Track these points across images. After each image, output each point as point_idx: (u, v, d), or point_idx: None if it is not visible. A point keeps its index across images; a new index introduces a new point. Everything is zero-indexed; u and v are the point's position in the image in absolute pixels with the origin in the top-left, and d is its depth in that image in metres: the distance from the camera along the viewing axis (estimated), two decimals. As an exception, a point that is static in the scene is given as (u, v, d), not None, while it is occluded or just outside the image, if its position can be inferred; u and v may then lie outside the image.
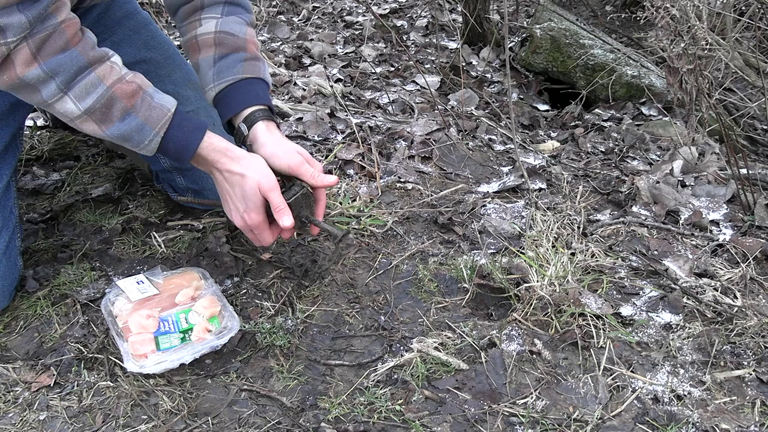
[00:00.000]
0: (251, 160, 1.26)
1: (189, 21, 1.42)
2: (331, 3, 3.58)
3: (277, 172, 1.29)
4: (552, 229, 1.60)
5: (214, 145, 1.26)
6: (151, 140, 1.21)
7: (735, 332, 1.35)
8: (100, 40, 1.50)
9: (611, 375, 1.25)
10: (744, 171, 1.82)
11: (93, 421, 1.16)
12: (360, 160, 1.94)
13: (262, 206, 1.26)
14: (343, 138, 2.09)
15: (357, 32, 3.21)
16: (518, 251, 1.53)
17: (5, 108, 1.37)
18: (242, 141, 1.35)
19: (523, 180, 1.85)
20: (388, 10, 3.57)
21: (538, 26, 2.82)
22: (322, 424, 1.14)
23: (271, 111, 1.38)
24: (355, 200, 1.75)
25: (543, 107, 2.72)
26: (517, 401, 1.19)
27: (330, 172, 1.88)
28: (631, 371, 1.26)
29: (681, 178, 1.92)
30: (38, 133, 2.05)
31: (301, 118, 2.19)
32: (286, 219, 1.25)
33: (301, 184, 1.32)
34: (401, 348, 1.31)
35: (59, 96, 1.14)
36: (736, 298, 1.43)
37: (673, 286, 1.48)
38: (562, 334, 1.34)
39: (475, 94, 2.52)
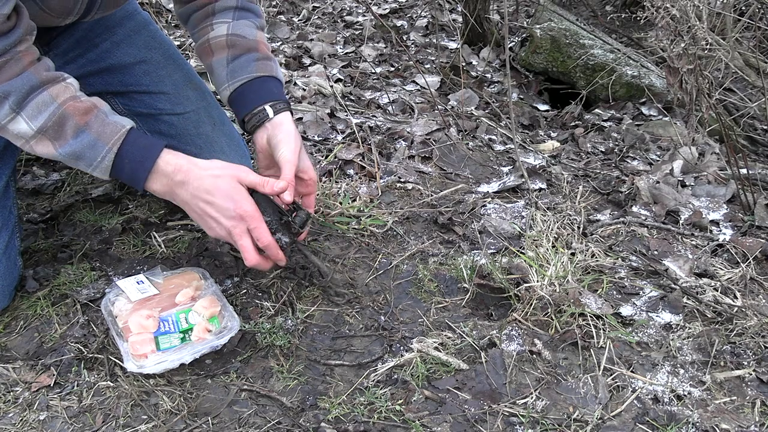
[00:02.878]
0: (216, 162, 1.23)
1: (201, 27, 1.43)
2: (331, 3, 3.58)
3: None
4: (552, 229, 1.60)
5: (176, 158, 1.21)
6: (104, 157, 1.17)
7: (735, 332, 1.35)
8: (101, 40, 1.51)
9: (611, 375, 1.25)
10: (744, 171, 1.82)
11: (93, 421, 1.16)
12: (360, 160, 1.94)
13: (249, 197, 1.22)
14: (343, 138, 2.09)
15: (357, 32, 3.21)
16: (518, 251, 1.53)
17: None
18: (261, 122, 1.35)
19: (523, 180, 1.85)
20: (388, 10, 3.57)
21: (538, 26, 2.82)
22: (322, 424, 1.14)
23: (289, 105, 1.39)
24: (355, 200, 1.75)
25: (543, 107, 2.72)
26: (517, 401, 1.19)
27: (330, 172, 1.88)
28: (631, 371, 1.26)
29: (681, 178, 1.92)
30: (38, 133, 2.05)
31: (301, 118, 2.19)
32: (279, 184, 1.22)
33: (306, 212, 1.31)
34: (401, 348, 1.31)
35: (12, 116, 1.14)
36: (736, 298, 1.43)
37: (673, 286, 1.48)
38: (562, 334, 1.34)
39: (475, 94, 2.52)
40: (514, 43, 3.12)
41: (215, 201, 1.20)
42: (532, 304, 1.38)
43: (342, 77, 2.66)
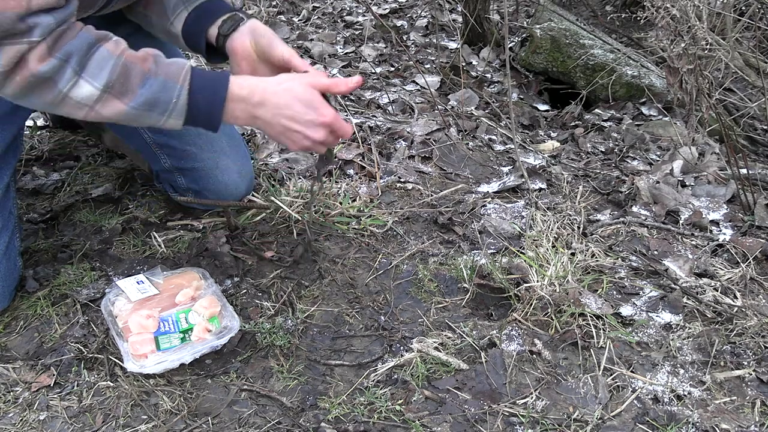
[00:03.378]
0: (283, 75, 1.23)
1: None
2: (331, 3, 3.58)
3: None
4: (552, 229, 1.60)
5: (246, 80, 1.20)
6: (178, 96, 1.15)
7: (735, 332, 1.35)
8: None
9: (611, 375, 1.25)
10: (744, 171, 1.82)
11: (93, 421, 1.16)
12: (360, 160, 1.94)
13: (324, 101, 1.20)
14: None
15: (357, 32, 3.21)
16: (518, 251, 1.53)
17: (7, 109, 1.37)
18: (234, 28, 1.33)
19: (523, 180, 1.85)
20: (388, 10, 3.57)
21: (538, 26, 2.82)
22: (322, 424, 1.14)
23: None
24: (355, 200, 1.75)
25: (543, 107, 2.72)
26: (517, 401, 1.19)
27: (330, 173, 1.88)
28: (631, 371, 1.26)
29: (681, 178, 1.92)
30: (38, 133, 2.05)
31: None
32: (350, 81, 1.23)
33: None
34: (401, 348, 1.31)
35: (74, 80, 1.10)
36: (736, 298, 1.43)
37: (673, 286, 1.48)
38: (562, 334, 1.34)
39: (475, 94, 2.52)
40: (514, 43, 3.12)
41: (296, 114, 1.19)
42: (532, 304, 1.38)
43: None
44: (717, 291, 1.45)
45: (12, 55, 1.06)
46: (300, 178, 1.83)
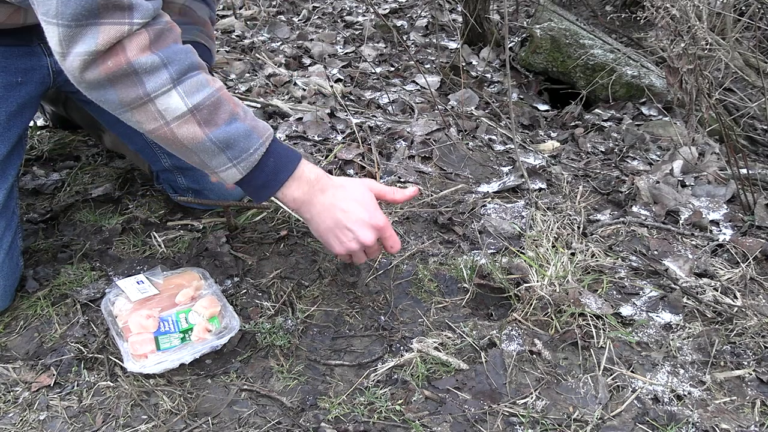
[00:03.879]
0: (342, 177, 1.25)
1: None
2: (331, 3, 3.58)
3: None
4: (552, 229, 1.60)
5: (315, 168, 1.20)
6: (256, 149, 1.13)
7: (735, 332, 1.35)
8: None
9: (611, 375, 1.25)
10: (744, 171, 1.82)
11: (93, 421, 1.16)
12: (360, 160, 1.94)
13: (378, 206, 1.22)
14: (343, 138, 2.09)
15: (357, 32, 3.21)
16: (518, 251, 1.53)
17: (14, 109, 1.38)
18: None
19: (523, 180, 1.85)
20: (388, 10, 3.57)
21: (538, 26, 2.82)
22: (322, 424, 1.14)
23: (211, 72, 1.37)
24: (355, 200, 1.75)
25: (543, 107, 2.72)
26: (517, 401, 1.19)
27: (330, 172, 1.88)
28: (631, 371, 1.26)
29: (681, 178, 1.92)
30: (38, 133, 2.05)
31: (301, 118, 2.19)
32: (406, 192, 1.27)
33: None
34: (401, 348, 1.31)
35: (167, 88, 1.06)
36: (736, 298, 1.43)
37: (673, 286, 1.48)
38: (562, 334, 1.34)
39: (475, 94, 2.52)
40: (514, 43, 3.12)
41: (351, 211, 1.19)
42: (532, 304, 1.38)
43: (342, 77, 2.66)
44: (717, 291, 1.45)
45: (111, 36, 0.99)
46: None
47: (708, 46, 1.78)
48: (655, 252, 1.60)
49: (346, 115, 2.21)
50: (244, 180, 1.16)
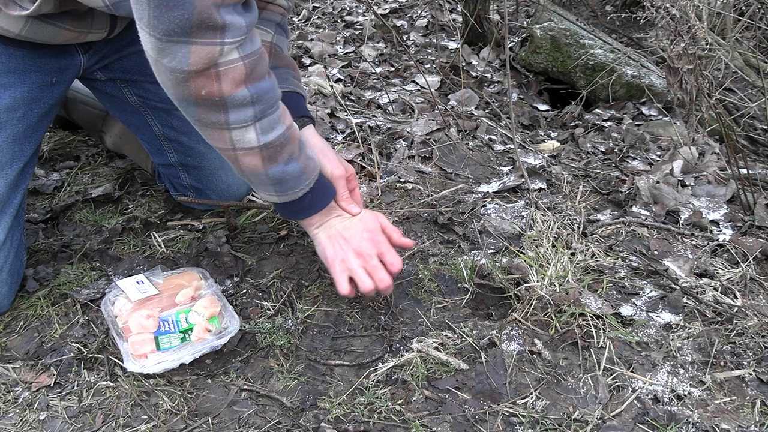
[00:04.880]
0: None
1: None
2: (331, 3, 3.58)
3: None
4: (552, 229, 1.60)
5: (331, 206, 1.30)
6: (302, 189, 1.21)
7: (735, 332, 1.35)
8: (128, 32, 1.49)
9: (611, 375, 1.25)
10: (744, 171, 1.82)
11: (93, 421, 1.16)
12: (360, 160, 1.94)
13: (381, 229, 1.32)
14: (343, 138, 2.09)
15: (357, 32, 3.21)
16: (518, 251, 1.53)
17: (45, 110, 1.40)
18: None
19: (523, 180, 1.85)
20: (388, 10, 3.57)
21: (538, 26, 2.82)
22: (322, 424, 1.14)
23: (313, 120, 1.41)
24: (355, 200, 1.75)
25: (543, 107, 2.72)
26: (517, 401, 1.19)
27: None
28: (631, 371, 1.26)
29: (681, 178, 1.92)
30: (38, 133, 2.05)
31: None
32: (405, 239, 1.36)
33: None
34: (401, 348, 1.31)
35: (248, 124, 1.07)
36: (736, 298, 1.43)
37: (673, 286, 1.48)
38: (562, 334, 1.34)
39: (475, 94, 2.52)
40: (514, 43, 3.12)
41: (355, 227, 1.30)
42: (532, 304, 1.38)
43: (342, 77, 2.66)
44: (717, 291, 1.45)
45: (203, 56, 0.97)
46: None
47: (708, 46, 1.78)
48: (655, 252, 1.60)
49: (346, 115, 2.21)
50: (279, 204, 1.26)
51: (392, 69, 2.82)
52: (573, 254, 1.52)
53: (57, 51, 1.38)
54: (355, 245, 1.28)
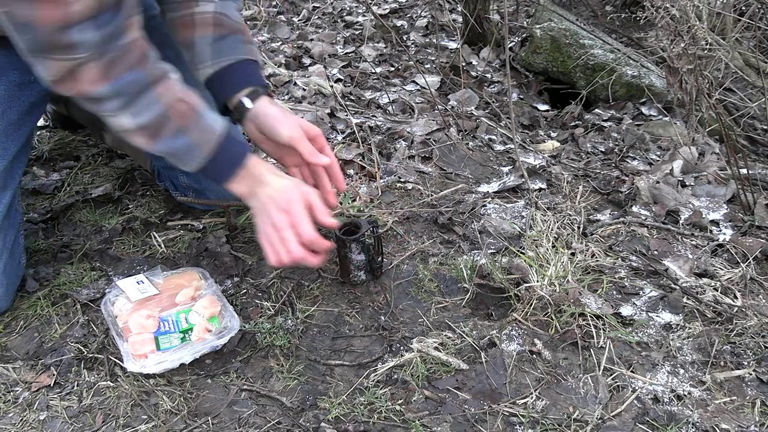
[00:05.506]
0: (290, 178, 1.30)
1: (185, 1, 1.41)
2: (331, 3, 3.58)
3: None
4: (552, 229, 1.60)
5: (257, 164, 1.28)
6: (197, 159, 1.24)
7: (735, 332, 1.35)
8: None
9: (611, 375, 1.25)
10: (744, 171, 1.82)
11: (93, 421, 1.16)
12: (360, 160, 1.94)
13: (301, 204, 1.26)
14: (343, 138, 2.10)
15: (357, 32, 3.21)
16: (518, 251, 1.53)
17: (26, 108, 1.39)
18: (242, 115, 1.36)
19: (523, 180, 1.85)
20: (388, 10, 3.57)
21: (538, 26, 2.82)
22: (322, 424, 1.14)
23: (267, 88, 1.40)
24: (355, 200, 1.75)
25: (543, 107, 2.72)
26: (517, 401, 1.19)
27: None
28: (631, 371, 1.26)
29: (681, 178, 1.92)
30: (38, 133, 2.05)
31: (301, 118, 2.19)
32: (328, 220, 1.27)
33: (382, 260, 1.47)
34: (401, 348, 1.31)
35: (118, 112, 1.17)
36: (736, 298, 1.43)
37: (673, 286, 1.48)
38: (562, 334, 1.34)
39: (475, 94, 2.52)
40: (514, 43, 3.12)
41: (275, 196, 1.26)
42: (532, 304, 1.38)
43: (342, 77, 2.66)
44: (717, 291, 1.45)
45: (58, 70, 1.09)
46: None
47: (708, 46, 1.78)
48: (655, 252, 1.60)
49: (346, 115, 2.21)
50: (199, 172, 1.27)
51: (392, 69, 2.82)
52: (573, 254, 1.52)
53: None
54: (272, 216, 1.26)
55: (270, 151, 1.40)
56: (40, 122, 2.09)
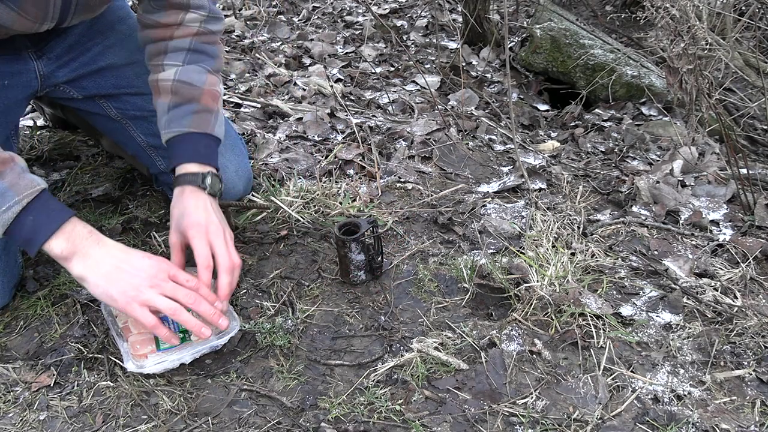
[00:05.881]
0: (104, 255, 1.15)
1: (154, 63, 1.41)
2: (331, 3, 3.58)
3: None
4: (552, 229, 1.60)
5: (84, 226, 1.16)
6: (9, 207, 1.10)
7: (735, 332, 1.35)
8: (93, 44, 1.52)
9: (611, 375, 1.25)
10: (744, 171, 1.82)
11: (93, 421, 1.16)
12: (360, 160, 1.94)
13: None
14: (343, 138, 2.10)
15: (357, 32, 3.21)
16: (518, 251, 1.53)
17: (0, 109, 1.38)
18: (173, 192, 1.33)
19: (523, 180, 1.85)
20: (388, 10, 3.57)
21: (538, 26, 2.82)
22: (322, 424, 1.14)
23: (202, 177, 1.31)
24: (355, 200, 1.75)
25: (543, 107, 2.72)
26: (517, 401, 1.19)
27: (330, 172, 1.88)
28: (631, 371, 1.26)
29: (681, 178, 1.92)
30: (38, 133, 2.05)
31: (301, 118, 2.19)
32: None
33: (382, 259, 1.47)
34: (401, 348, 1.31)
35: None
36: (736, 298, 1.43)
37: (673, 286, 1.48)
38: (562, 334, 1.34)
39: (475, 94, 2.52)
40: (514, 43, 3.12)
41: (128, 264, 1.14)
42: (532, 304, 1.38)
43: (342, 77, 2.66)
44: (717, 291, 1.45)
45: None
46: (300, 178, 1.83)
47: (708, 46, 1.78)
48: (655, 252, 1.60)
49: (346, 115, 2.21)
50: (7, 234, 1.13)
51: (392, 69, 2.82)
52: (573, 254, 1.52)
53: (9, 58, 1.39)
54: (146, 273, 1.14)
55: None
56: (40, 122, 2.09)
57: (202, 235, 1.23)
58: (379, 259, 1.46)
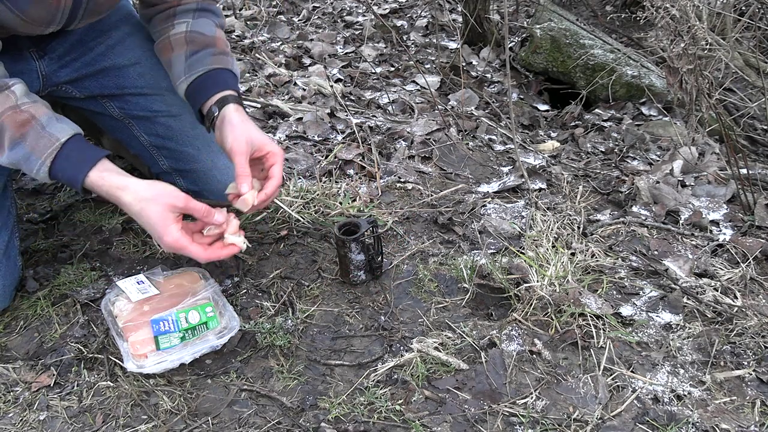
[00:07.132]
0: (147, 189, 1.24)
1: (163, 26, 1.46)
2: (331, 3, 3.58)
3: None
4: (552, 229, 1.60)
5: (109, 177, 1.23)
6: (38, 169, 1.20)
7: (735, 332, 1.35)
8: (96, 44, 1.52)
9: (611, 375, 1.25)
10: (744, 171, 1.82)
11: (93, 421, 1.16)
12: (360, 160, 1.94)
13: (174, 228, 1.24)
14: (343, 138, 2.10)
15: (357, 32, 3.21)
16: (518, 251, 1.53)
17: None
18: (212, 123, 1.36)
19: (523, 180, 1.85)
20: (388, 10, 3.57)
21: (538, 26, 2.82)
22: (322, 424, 1.14)
23: (240, 97, 1.40)
24: (355, 200, 1.75)
25: (543, 107, 2.72)
26: (517, 401, 1.19)
27: (330, 172, 1.88)
28: (631, 371, 1.26)
29: (681, 178, 1.92)
30: (38, 133, 2.05)
31: (301, 118, 2.19)
32: (217, 216, 1.28)
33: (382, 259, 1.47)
34: (401, 348, 1.31)
35: None
36: (736, 298, 1.43)
37: (673, 286, 1.48)
38: (562, 334, 1.34)
39: (475, 94, 2.52)
40: (514, 43, 3.12)
41: (145, 225, 1.24)
42: (532, 304, 1.38)
43: (342, 77, 2.66)
44: (717, 291, 1.45)
45: None
46: (300, 178, 1.83)
47: (708, 46, 1.78)
48: (655, 252, 1.60)
49: (346, 115, 2.21)
50: (53, 180, 1.24)
51: (392, 69, 2.82)
52: (573, 254, 1.52)
53: (11, 57, 1.39)
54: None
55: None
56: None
57: (281, 161, 1.36)
58: (379, 259, 1.46)
